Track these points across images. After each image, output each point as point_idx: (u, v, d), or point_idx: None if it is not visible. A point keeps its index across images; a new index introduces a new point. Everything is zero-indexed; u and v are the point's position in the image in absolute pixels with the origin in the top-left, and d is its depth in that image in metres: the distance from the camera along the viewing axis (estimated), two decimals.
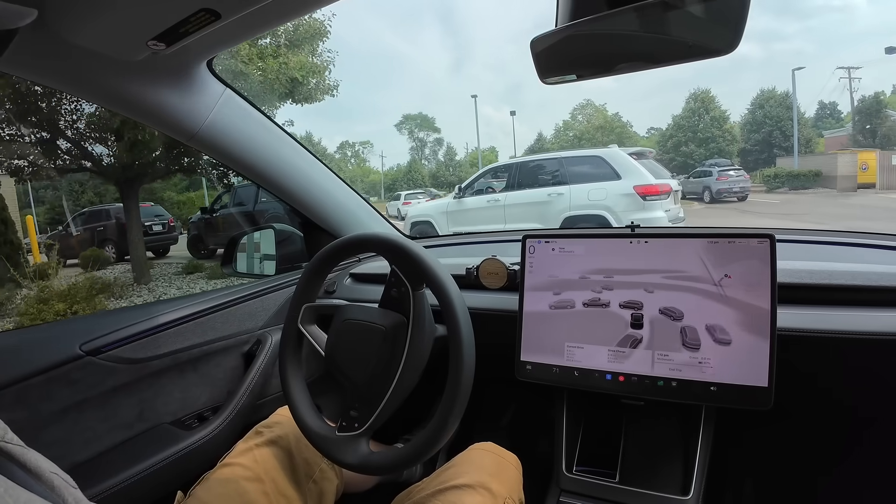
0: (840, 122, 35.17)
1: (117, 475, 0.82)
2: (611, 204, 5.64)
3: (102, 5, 0.65)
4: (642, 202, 5.50)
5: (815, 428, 1.09)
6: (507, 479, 0.85)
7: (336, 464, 0.76)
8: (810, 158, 21.88)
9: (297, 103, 10.20)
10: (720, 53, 0.61)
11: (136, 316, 0.97)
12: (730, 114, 32.05)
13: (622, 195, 5.59)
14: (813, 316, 0.82)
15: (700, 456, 0.86)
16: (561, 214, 5.97)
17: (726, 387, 0.78)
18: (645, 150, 6.43)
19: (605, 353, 0.87)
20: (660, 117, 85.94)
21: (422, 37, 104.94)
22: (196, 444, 0.93)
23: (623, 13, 0.61)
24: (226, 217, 9.33)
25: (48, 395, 0.80)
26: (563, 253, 0.92)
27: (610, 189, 5.67)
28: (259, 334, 1.14)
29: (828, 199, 14.96)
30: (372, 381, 0.74)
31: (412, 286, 0.77)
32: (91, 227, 10.37)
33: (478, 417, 1.46)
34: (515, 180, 6.76)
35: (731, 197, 15.56)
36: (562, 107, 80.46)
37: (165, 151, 7.32)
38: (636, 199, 5.52)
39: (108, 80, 0.84)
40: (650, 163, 6.07)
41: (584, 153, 6.58)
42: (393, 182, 43.34)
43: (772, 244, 0.78)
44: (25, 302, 5.41)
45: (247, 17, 0.69)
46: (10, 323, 5.36)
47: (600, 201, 5.71)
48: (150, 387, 0.96)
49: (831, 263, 0.89)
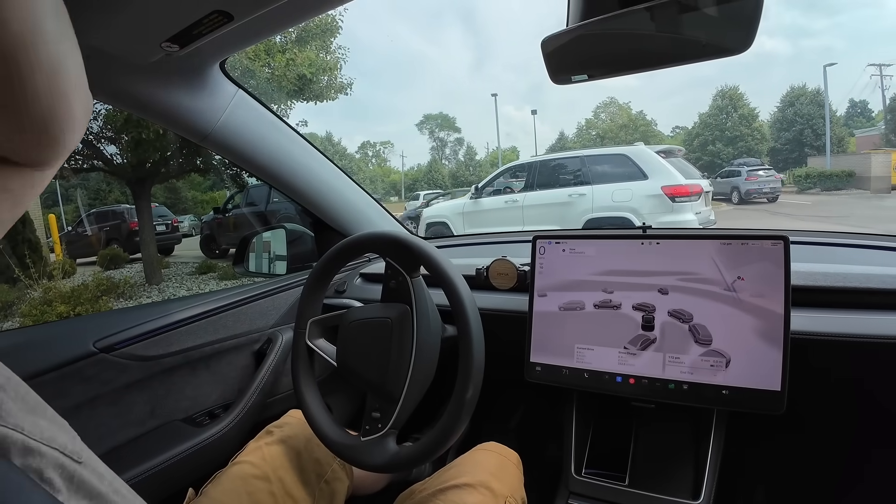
0: (871, 120, 34.52)
1: (129, 471, 0.83)
2: (636, 205, 5.33)
3: (116, 7, 0.66)
4: (671, 204, 5.18)
5: (830, 433, 1.07)
6: (509, 477, 0.84)
7: (367, 469, 0.76)
8: (842, 158, 21.43)
9: (308, 101, 10.22)
10: (734, 53, 0.61)
11: (149, 314, 0.98)
12: (759, 111, 31.53)
13: (649, 196, 5.27)
14: (827, 319, 0.81)
15: (711, 460, 0.85)
16: (583, 216, 5.66)
17: (738, 390, 0.77)
18: (674, 147, 6.08)
19: (616, 356, 0.86)
20: (685, 115, 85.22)
21: (443, 36, 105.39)
22: (207, 441, 0.94)
23: (635, 13, 0.60)
24: (238, 217, 9.41)
25: (62, 392, 0.82)
26: (573, 254, 0.92)
27: (636, 189, 5.34)
28: (270, 333, 1.15)
29: (862, 201, 14.58)
30: (388, 376, 0.74)
31: (408, 273, 0.78)
32: (99, 227, 10.53)
33: (487, 419, 1.45)
34: (535, 180, 6.47)
35: (761, 198, 15.23)
36: (584, 105, 79.97)
37: (177, 151, 7.40)
38: (664, 201, 5.19)
39: (122, 82, 0.85)
40: (679, 161, 5.72)
41: (608, 151, 6.26)
42: (413, 182, 43.40)
43: (786, 246, 0.77)
44: (29, 303, 5.44)
45: (260, 19, 0.69)
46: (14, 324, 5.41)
47: (625, 202, 5.39)
48: (162, 384, 0.97)
49: (846, 266, 0.88)
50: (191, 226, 15.72)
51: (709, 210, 5.68)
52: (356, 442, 0.76)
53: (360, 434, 0.76)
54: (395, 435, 0.75)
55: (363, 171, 47.81)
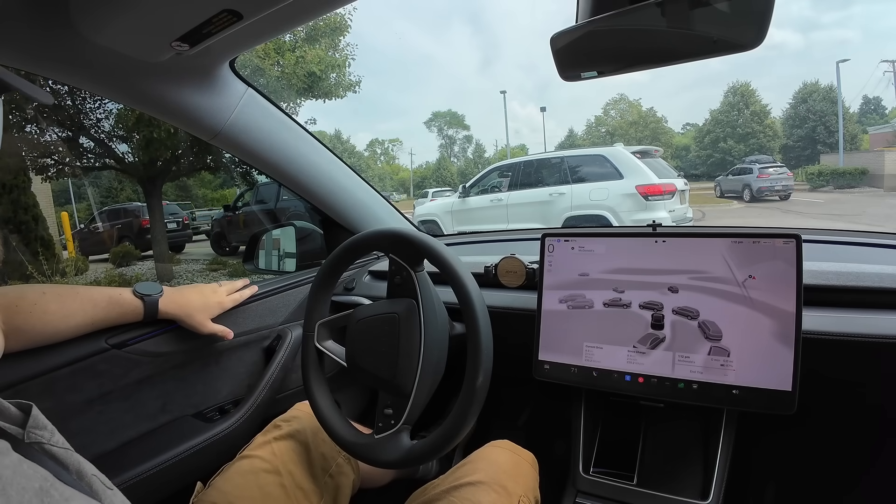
0: (885, 117, 33.98)
1: (140, 465, 0.85)
2: (612, 204, 5.56)
3: (127, 7, 0.66)
4: (644, 202, 5.41)
5: (841, 433, 1.06)
6: (523, 477, 0.84)
7: (382, 466, 0.76)
8: (856, 155, 21.17)
9: (317, 99, 10.28)
10: (745, 49, 0.60)
11: None
12: (771, 108, 31.25)
13: (624, 195, 5.51)
14: (839, 319, 0.80)
15: (720, 459, 0.84)
16: (562, 214, 5.93)
17: (749, 390, 0.77)
18: (650, 148, 6.32)
19: (625, 354, 0.86)
20: (696, 112, 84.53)
21: (451, 35, 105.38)
22: (217, 437, 0.95)
23: (645, 8, 0.60)
24: (248, 215, 9.47)
25: (74, 387, 0.83)
26: (582, 252, 0.91)
27: (612, 189, 5.60)
28: (279, 330, 1.16)
29: (875, 199, 14.40)
30: (398, 370, 0.75)
31: (411, 267, 0.78)
32: (111, 224, 10.65)
33: (496, 416, 1.45)
34: (518, 179, 6.72)
35: (773, 195, 15.09)
36: (593, 103, 79.76)
37: (188, 149, 7.46)
38: (638, 199, 5.43)
39: (132, 81, 0.86)
40: (656, 161, 5.96)
41: (587, 152, 6.52)
42: (422, 179, 43.45)
43: (798, 244, 0.76)
44: None
45: (269, 18, 0.69)
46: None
47: (602, 201, 5.64)
48: (174, 379, 0.98)
49: (859, 265, 0.87)
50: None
51: (685, 208, 5.90)
52: (370, 440, 0.76)
53: (374, 432, 0.76)
54: (409, 430, 0.75)
55: (372, 169, 47.92)
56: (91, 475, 0.40)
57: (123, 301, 0.85)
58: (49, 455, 0.39)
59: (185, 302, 0.92)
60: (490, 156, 45.34)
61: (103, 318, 0.83)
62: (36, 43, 0.73)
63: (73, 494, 0.35)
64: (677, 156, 36.81)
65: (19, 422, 0.40)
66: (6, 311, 0.71)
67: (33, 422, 0.40)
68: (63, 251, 8.31)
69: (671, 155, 34.59)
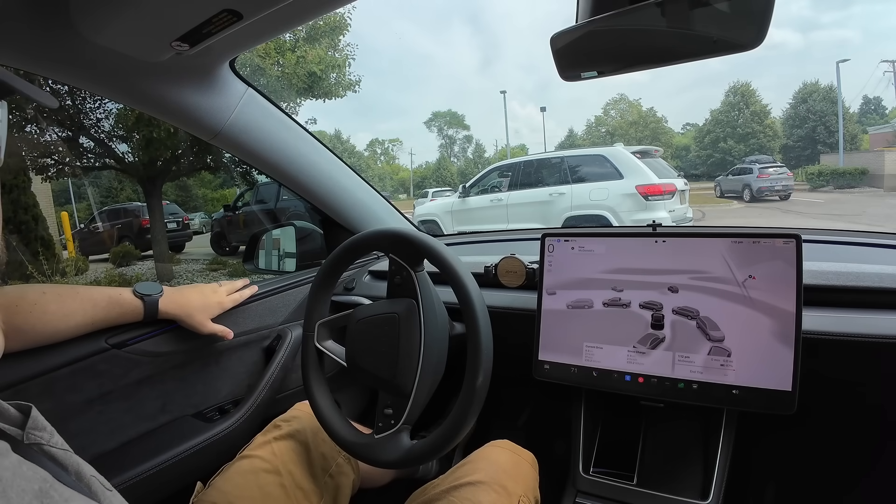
0: (885, 117, 33.97)
1: (140, 465, 0.85)
2: (612, 204, 5.56)
3: (127, 7, 0.66)
4: (644, 202, 5.41)
5: (842, 433, 1.06)
6: (523, 477, 0.84)
7: (382, 466, 0.76)
8: (856, 156, 21.18)
9: (317, 99, 10.29)
10: (745, 49, 0.60)
11: None
12: (771, 108, 31.26)
13: (624, 195, 5.52)
14: (839, 319, 0.80)
15: (720, 459, 0.84)
16: (562, 214, 5.93)
17: (749, 390, 0.77)
18: (650, 148, 6.33)
19: (625, 354, 0.86)
20: (696, 112, 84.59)
21: (451, 35, 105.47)
22: (217, 437, 0.95)
23: (645, 8, 0.60)
24: (248, 214, 9.47)
25: (74, 387, 0.83)
26: (582, 252, 0.91)
27: (612, 189, 5.60)
28: (279, 329, 1.16)
29: (875, 199, 14.40)
30: (398, 370, 0.75)
31: (411, 267, 0.78)
32: (111, 224, 10.65)
33: (496, 416, 1.45)
34: (518, 179, 6.72)
35: (773, 195, 15.11)
36: (594, 102, 79.89)
37: (188, 149, 7.46)
38: (638, 199, 5.43)
39: (133, 81, 0.86)
40: (656, 161, 5.96)
41: (587, 152, 6.52)
42: (422, 179, 43.42)
43: (798, 244, 0.76)
44: None
45: (269, 18, 0.69)
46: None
47: (602, 201, 5.64)
48: (173, 379, 0.98)
49: (859, 265, 0.87)
50: (201, 223, 15.86)
51: (685, 208, 5.90)
52: (370, 440, 0.76)
53: (374, 432, 0.76)
54: (409, 430, 0.75)
55: (372, 169, 47.91)
56: (90, 476, 0.40)
57: (123, 301, 0.85)
58: (48, 456, 0.39)
59: (185, 302, 0.92)
60: (490, 156, 45.40)
61: (103, 317, 0.83)
62: (36, 43, 0.73)
63: (72, 496, 0.35)
64: (677, 156, 36.84)
65: (19, 423, 0.40)
66: (6, 310, 0.71)
67: (33, 423, 0.40)
68: (63, 251, 8.32)
69: (671, 155, 34.62)
